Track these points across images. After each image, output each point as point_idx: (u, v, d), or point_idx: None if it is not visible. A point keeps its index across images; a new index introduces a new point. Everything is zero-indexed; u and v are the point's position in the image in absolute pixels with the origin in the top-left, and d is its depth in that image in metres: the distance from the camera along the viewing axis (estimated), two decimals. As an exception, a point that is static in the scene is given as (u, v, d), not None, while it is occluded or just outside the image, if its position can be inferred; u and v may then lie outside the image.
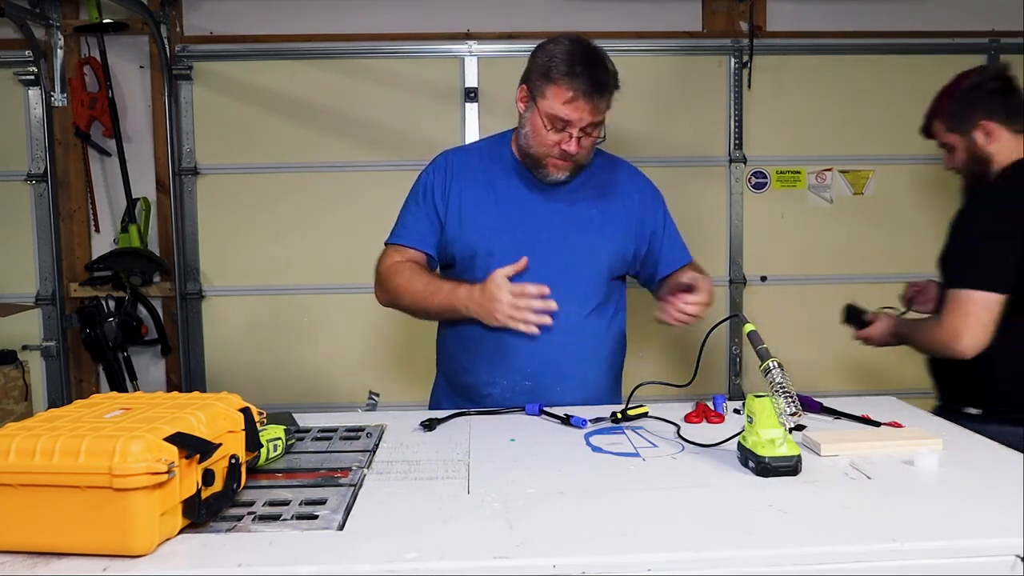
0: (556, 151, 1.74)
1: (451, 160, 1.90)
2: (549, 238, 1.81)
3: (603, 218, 1.85)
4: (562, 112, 1.69)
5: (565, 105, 1.68)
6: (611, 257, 1.86)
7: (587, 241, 1.83)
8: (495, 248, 1.80)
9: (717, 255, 3.37)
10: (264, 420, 1.28)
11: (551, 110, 1.70)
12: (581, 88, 1.67)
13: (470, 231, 1.83)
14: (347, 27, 3.23)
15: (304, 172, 3.27)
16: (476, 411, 1.68)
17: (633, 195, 1.90)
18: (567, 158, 1.74)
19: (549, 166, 1.77)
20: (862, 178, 3.38)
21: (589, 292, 1.84)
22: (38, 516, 0.96)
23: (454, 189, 1.85)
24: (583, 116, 1.69)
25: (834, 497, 1.15)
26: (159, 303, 3.28)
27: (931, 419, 1.60)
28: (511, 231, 1.81)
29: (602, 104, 1.71)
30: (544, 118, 1.72)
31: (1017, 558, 0.98)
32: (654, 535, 1.03)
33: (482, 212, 1.83)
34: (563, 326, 1.78)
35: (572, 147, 1.72)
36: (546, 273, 1.78)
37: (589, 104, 1.68)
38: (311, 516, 1.09)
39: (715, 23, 3.30)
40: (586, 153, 1.78)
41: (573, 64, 1.68)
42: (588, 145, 1.76)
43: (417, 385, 3.24)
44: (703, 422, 1.57)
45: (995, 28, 3.33)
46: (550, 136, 1.72)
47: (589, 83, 1.67)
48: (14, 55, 3.16)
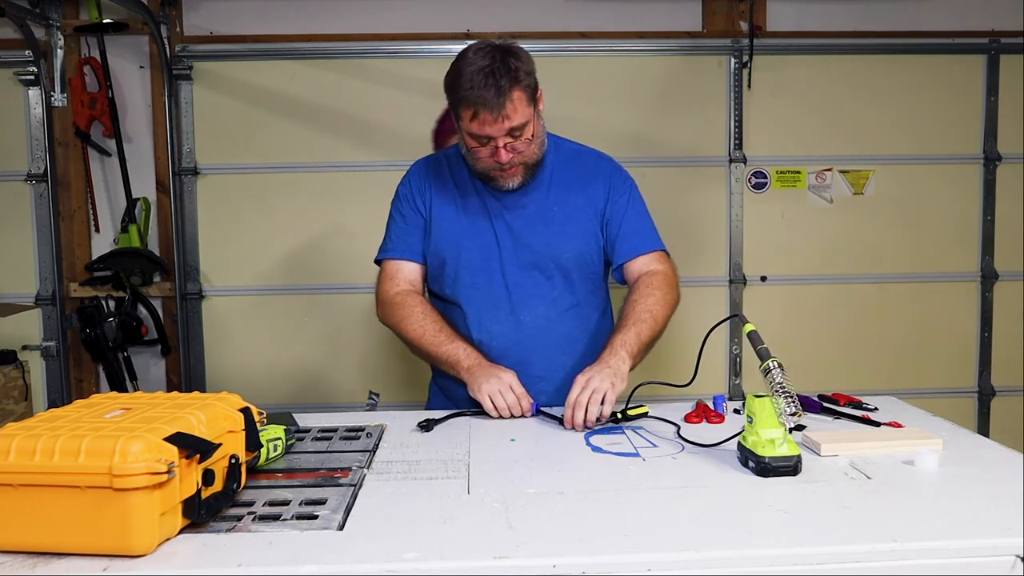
0: (492, 163, 1.71)
1: (423, 169, 1.90)
2: (511, 240, 1.81)
3: (566, 214, 1.82)
4: (473, 129, 1.65)
5: (473, 122, 1.64)
6: (577, 254, 1.83)
7: (551, 240, 1.80)
8: (461, 255, 1.81)
9: (717, 255, 3.37)
10: (264, 420, 1.28)
11: (467, 129, 1.68)
12: (479, 101, 1.61)
13: (438, 240, 1.84)
14: (347, 27, 3.23)
15: (304, 172, 3.27)
16: (472, 411, 1.68)
17: (597, 185, 1.85)
18: (505, 168, 1.71)
19: (497, 178, 1.74)
20: (862, 178, 3.38)
21: (559, 292, 1.82)
22: (38, 516, 0.96)
23: (427, 197, 1.86)
24: (497, 127, 1.63)
25: (834, 497, 1.15)
26: (159, 303, 3.28)
27: (931, 419, 1.59)
28: (476, 238, 1.81)
29: (508, 109, 1.62)
30: (467, 137, 1.70)
31: (1017, 558, 0.98)
32: (654, 535, 1.03)
33: (448, 220, 1.83)
34: (534, 326, 1.79)
35: (502, 157, 1.67)
36: (512, 275, 1.80)
37: (492, 115, 1.61)
38: (311, 516, 1.09)
39: (715, 23, 3.30)
40: (528, 154, 1.72)
41: (470, 78, 1.61)
42: (523, 147, 1.70)
43: (417, 385, 3.25)
44: (703, 422, 1.57)
45: (995, 28, 3.33)
46: (482, 152, 1.70)
47: (486, 92, 1.60)
48: (14, 55, 3.16)
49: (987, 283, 3.42)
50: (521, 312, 1.81)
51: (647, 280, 1.80)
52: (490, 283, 1.81)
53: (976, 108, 3.37)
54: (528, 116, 1.67)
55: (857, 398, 1.70)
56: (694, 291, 3.18)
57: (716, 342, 3.27)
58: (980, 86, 3.36)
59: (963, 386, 3.47)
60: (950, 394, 3.45)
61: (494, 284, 1.81)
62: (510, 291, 1.81)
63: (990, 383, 3.46)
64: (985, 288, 3.42)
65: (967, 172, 3.39)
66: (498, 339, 1.80)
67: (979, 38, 3.33)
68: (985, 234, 3.40)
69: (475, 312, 1.81)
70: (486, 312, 1.81)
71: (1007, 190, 3.39)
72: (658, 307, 1.74)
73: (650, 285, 1.78)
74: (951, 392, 3.46)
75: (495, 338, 1.80)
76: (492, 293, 1.81)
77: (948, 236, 3.38)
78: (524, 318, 1.80)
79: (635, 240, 1.84)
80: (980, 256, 3.41)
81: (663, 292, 1.77)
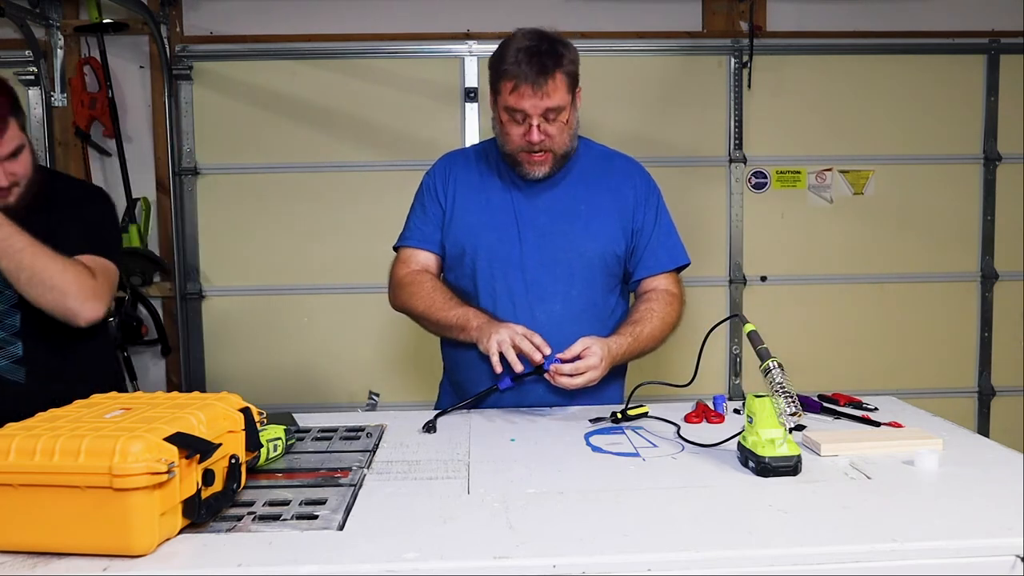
0: (523, 143, 1.74)
1: (449, 162, 1.94)
2: (534, 234, 1.81)
3: (591, 213, 1.83)
4: (511, 102, 1.70)
5: (512, 95, 1.70)
6: (599, 253, 1.83)
7: (573, 237, 1.82)
8: (480, 245, 1.82)
9: (717, 255, 3.37)
10: (264, 420, 1.28)
11: (505, 103, 1.72)
12: (522, 75, 1.67)
13: (459, 230, 1.85)
14: (347, 27, 3.23)
15: (304, 172, 3.27)
16: (459, 406, 1.70)
17: (625, 190, 1.87)
18: (534, 149, 1.74)
19: (524, 162, 1.77)
20: (862, 178, 3.38)
21: (577, 289, 1.82)
22: (38, 516, 0.96)
23: (450, 189, 1.88)
24: (534, 103, 1.69)
25: (834, 497, 1.15)
26: (159, 303, 3.28)
27: (931, 419, 1.60)
28: (497, 230, 1.82)
29: (549, 87, 1.69)
30: (502, 112, 1.75)
31: (1017, 558, 0.98)
32: (654, 535, 1.03)
33: (470, 212, 1.85)
34: (548, 323, 1.78)
35: (534, 136, 1.71)
36: (532, 270, 1.80)
37: (533, 89, 1.68)
38: (311, 516, 1.09)
39: (715, 23, 3.30)
40: (559, 141, 1.76)
41: (515, 54, 1.69)
42: (556, 132, 1.74)
43: (418, 385, 3.26)
44: (703, 422, 1.57)
45: (995, 28, 3.33)
46: (514, 130, 1.74)
47: (529, 69, 1.67)
48: (14, 55, 3.16)
49: (987, 283, 3.41)
50: (536, 308, 1.80)
51: (665, 297, 1.85)
52: (508, 276, 1.80)
53: (976, 108, 3.37)
54: (565, 102, 1.73)
55: (857, 398, 1.70)
56: (694, 291, 3.16)
57: (716, 342, 3.27)
58: (980, 86, 3.35)
59: (963, 386, 3.47)
60: (950, 394, 3.45)
61: (512, 277, 1.80)
62: (528, 286, 1.80)
63: (990, 383, 3.45)
64: (985, 288, 3.42)
65: (967, 172, 3.39)
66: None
67: (979, 38, 3.33)
68: (985, 234, 3.40)
69: (490, 304, 1.81)
70: (502, 305, 1.80)
71: (1007, 190, 3.38)
72: (659, 324, 1.81)
73: (663, 303, 1.84)
74: (951, 392, 3.45)
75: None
76: (510, 286, 1.81)
77: (948, 236, 3.38)
78: (539, 315, 1.79)
79: (656, 257, 1.88)
80: (980, 256, 3.41)
81: (674, 312, 1.85)
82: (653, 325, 1.79)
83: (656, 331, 1.79)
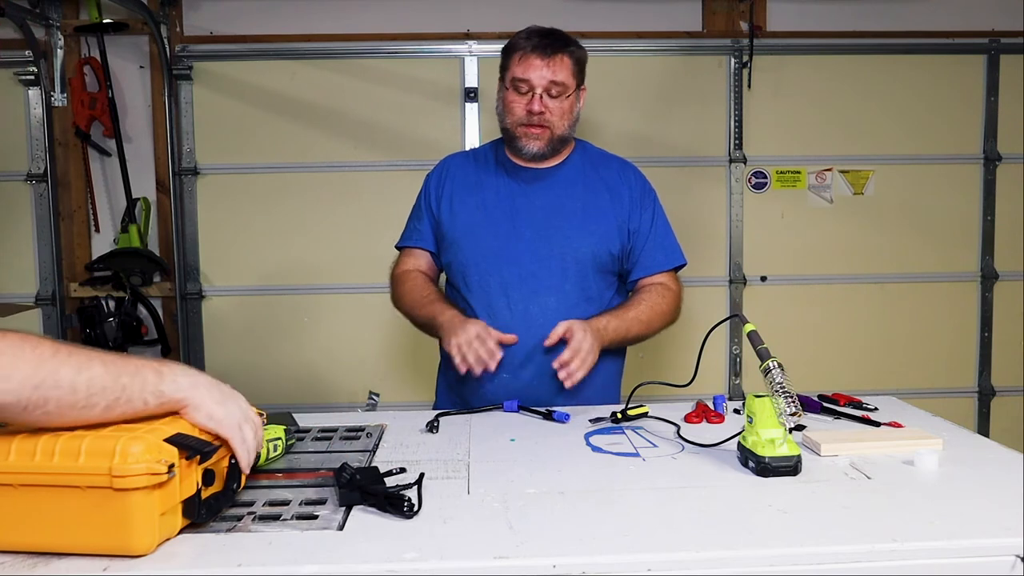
0: (523, 114, 1.82)
1: (449, 164, 1.99)
2: (530, 230, 1.84)
3: (586, 212, 1.86)
4: (519, 72, 1.81)
5: (520, 65, 1.81)
6: (593, 252, 1.85)
7: (568, 235, 1.84)
8: (479, 239, 1.85)
9: (717, 255, 3.37)
10: (264, 420, 1.28)
11: (512, 75, 1.82)
12: (531, 47, 1.80)
13: (455, 230, 1.89)
14: (347, 27, 3.23)
15: (304, 172, 3.27)
16: (456, 411, 1.68)
17: (621, 190, 1.91)
18: (533, 121, 1.81)
19: (521, 136, 1.84)
20: (862, 178, 3.38)
21: (571, 286, 1.84)
22: (38, 516, 0.96)
23: (446, 191, 1.92)
24: (541, 74, 1.79)
25: (834, 497, 1.15)
26: (159, 303, 3.28)
27: (931, 419, 1.60)
28: (492, 226, 1.86)
29: (556, 62, 1.80)
30: (508, 85, 1.84)
31: (1017, 558, 0.98)
32: (654, 535, 1.03)
33: (467, 213, 1.89)
34: (541, 319, 1.79)
35: (535, 105, 1.80)
36: (527, 265, 1.82)
37: (540, 60, 1.79)
38: (311, 516, 1.09)
39: (715, 23, 3.30)
40: (558, 121, 1.83)
41: (528, 34, 1.84)
42: (556, 110, 1.82)
43: (418, 385, 3.26)
44: (703, 422, 1.57)
45: (995, 28, 3.33)
46: (517, 101, 1.82)
47: (540, 42, 1.81)
48: (14, 55, 3.15)
49: (987, 283, 3.41)
50: (530, 303, 1.82)
51: (658, 289, 1.90)
52: (503, 270, 1.83)
53: (976, 108, 3.37)
54: (570, 85, 1.83)
55: (857, 398, 1.70)
56: (694, 291, 3.17)
57: (716, 342, 3.27)
58: (980, 86, 3.35)
59: (963, 386, 3.47)
60: (950, 394, 3.45)
61: (508, 272, 1.83)
62: (523, 280, 1.82)
63: (990, 383, 3.45)
64: (985, 288, 3.42)
65: (967, 172, 3.39)
66: (505, 327, 1.77)
67: (979, 38, 3.33)
68: (985, 234, 3.39)
69: (485, 298, 1.83)
70: (496, 299, 1.83)
71: (1007, 190, 3.38)
72: (647, 309, 1.86)
73: (654, 293, 1.89)
74: (951, 392, 3.45)
75: (501, 326, 1.78)
76: (504, 280, 1.83)
77: (948, 236, 3.38)
78: (533, 309, 1.81)
79: (653, 257, 1.92)
80: (980, 256, 3.41)
81: (667, 303, 1.89)
82: (639, 309, 1.83)
83: (643, 315, 1.83)
